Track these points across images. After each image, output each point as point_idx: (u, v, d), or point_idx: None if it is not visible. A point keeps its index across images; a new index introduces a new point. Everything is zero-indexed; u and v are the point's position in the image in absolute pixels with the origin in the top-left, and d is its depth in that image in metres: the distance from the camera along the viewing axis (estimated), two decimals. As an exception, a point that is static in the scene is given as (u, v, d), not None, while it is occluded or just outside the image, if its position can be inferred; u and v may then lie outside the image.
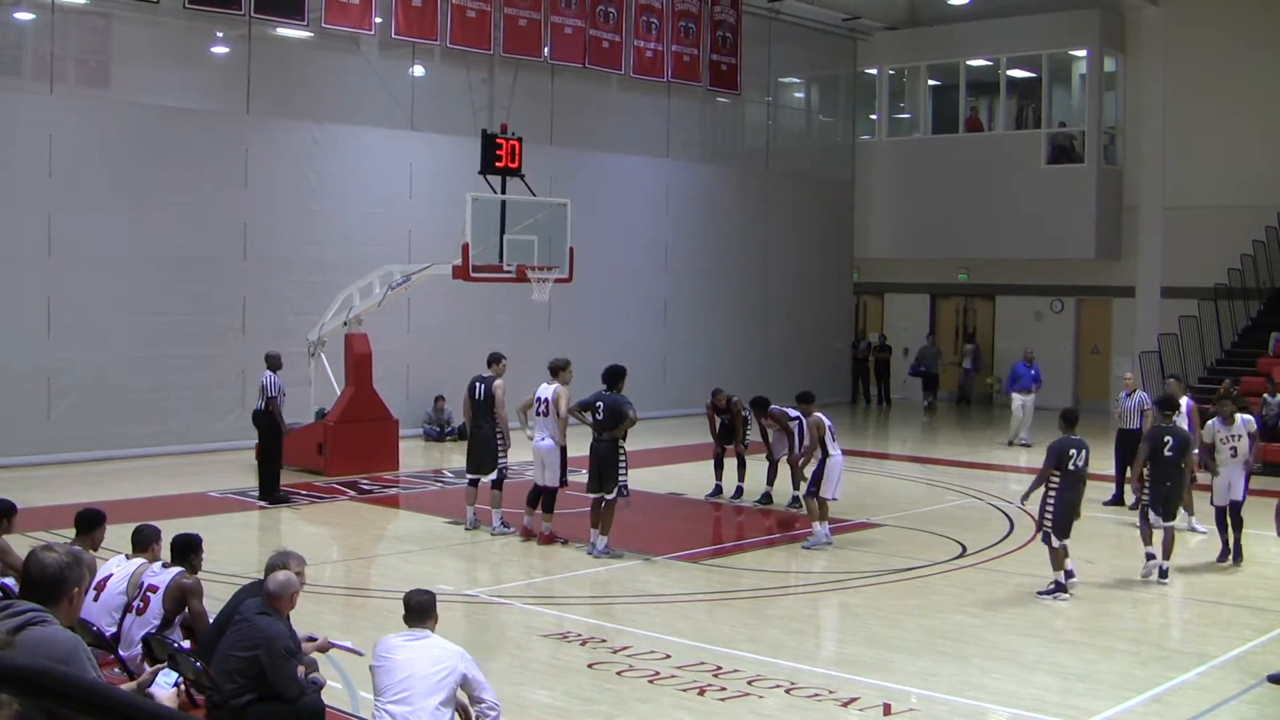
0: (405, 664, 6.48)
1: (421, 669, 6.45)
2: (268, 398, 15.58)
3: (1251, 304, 24.48)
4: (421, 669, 6.45)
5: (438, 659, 6.53)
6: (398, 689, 6.44)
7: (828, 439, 13.66)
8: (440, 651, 6.58)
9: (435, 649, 6.59)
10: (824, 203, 29.93)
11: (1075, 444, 11.56)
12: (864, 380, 30.70)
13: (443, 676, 6.47)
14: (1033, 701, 8.63)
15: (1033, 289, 29.17)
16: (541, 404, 13.60)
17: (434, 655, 6.54)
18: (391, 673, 6.49)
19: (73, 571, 4.24)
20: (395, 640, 6.65)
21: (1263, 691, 8.95)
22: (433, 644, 6.62)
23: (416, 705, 6.36)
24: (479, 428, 14.21)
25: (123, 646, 7.74)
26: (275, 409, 15.60)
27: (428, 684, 6.42)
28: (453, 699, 6.50)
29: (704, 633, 10.40)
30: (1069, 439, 11.61)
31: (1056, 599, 11.49)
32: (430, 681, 6.43)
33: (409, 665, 6.47)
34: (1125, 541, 14.63)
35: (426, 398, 21.92)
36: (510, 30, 22.55)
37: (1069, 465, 11.51)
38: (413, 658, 6.50)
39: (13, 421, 17.74)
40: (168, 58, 20.59)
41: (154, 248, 19.07)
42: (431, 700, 6.39)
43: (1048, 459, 11.60)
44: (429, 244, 20.41)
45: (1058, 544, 11.54)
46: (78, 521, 8.39)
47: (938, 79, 30.46)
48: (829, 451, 13.60)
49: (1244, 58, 25.83)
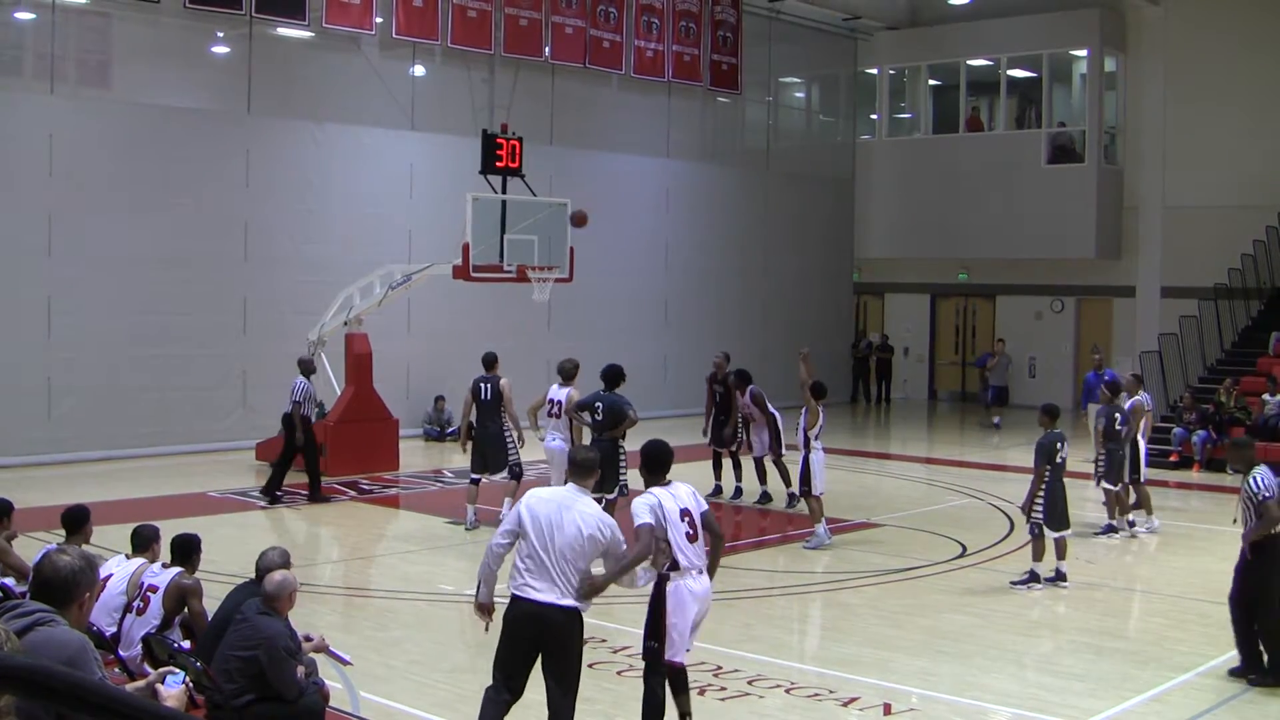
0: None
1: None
2: (293, 402, 15.72)
3: (1252, 304, 24.47)
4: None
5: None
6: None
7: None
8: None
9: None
10: (824, 203, 29.93)
11: (1059, 437, 11.98)
12: (864, 380, 30.70)
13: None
14: (1033, 701, 8.63)
15: (1033, 289, 29.18)
16: (554, 405, 13.68)
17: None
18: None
19: (85, 576, 4.26)
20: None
21: (1262, 691, 8.95)
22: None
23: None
24: (485, 427, 14.20)
25: (123, 646, 7.74)
26: (297, 414, 15.68)
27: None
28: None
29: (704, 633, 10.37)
30: (1053, 433, 11.98)
31: (1030, 589, 11.70)
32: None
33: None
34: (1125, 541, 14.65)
35: (426, 398, 21.93)
36: (511, 30, 22.55)
37: (1056, 459, 11.88)
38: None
39: (13, 421, 17.75)
40: (168, 57, 20.59)
41: (154, 248, 19.07)
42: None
43: (1038, 458, 11.83)
44: (429, 244, 20.41)
45: (1056, 536, 11.82)
46: (65, 522, 8.41)
47: (938, 79, 30.47)
48: (812, 447, 13.59)
49: (1244, 58, 25.83)
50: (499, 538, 6.86)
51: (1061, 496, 11.97)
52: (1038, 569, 11.82)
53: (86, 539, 8.36)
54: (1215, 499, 17.32)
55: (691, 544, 7.29)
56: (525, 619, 6.65)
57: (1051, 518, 11.79)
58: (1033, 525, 11.87)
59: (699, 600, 7.39)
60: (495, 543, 6.88)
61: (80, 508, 8.58)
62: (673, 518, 7.25)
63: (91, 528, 8.54)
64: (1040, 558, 11.83)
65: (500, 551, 6.89)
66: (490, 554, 6.89)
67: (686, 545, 7.26)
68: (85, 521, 8.43)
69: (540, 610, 6.61)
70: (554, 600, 6.61)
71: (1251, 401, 20.62)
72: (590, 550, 6.75)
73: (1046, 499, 11.79)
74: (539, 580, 6.62)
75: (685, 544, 7.26)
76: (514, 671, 6.78)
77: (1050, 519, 11.78)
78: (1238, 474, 9.48)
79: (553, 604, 6.61)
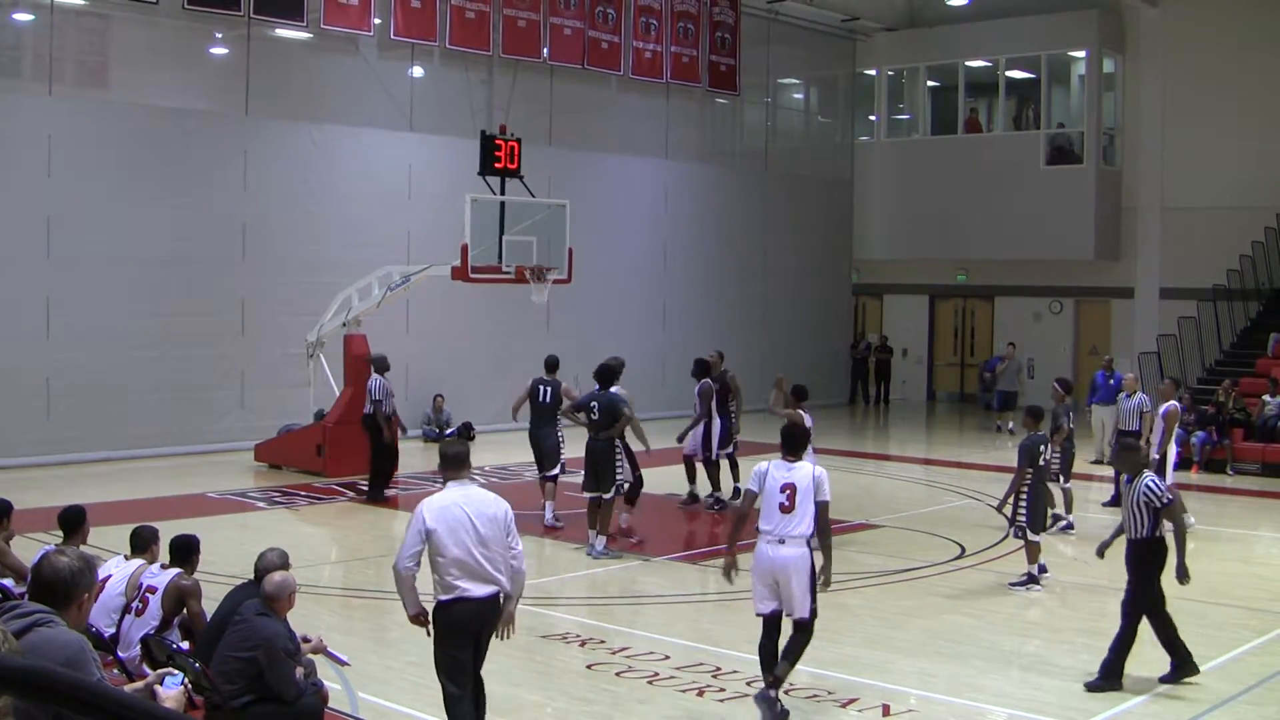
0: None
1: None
2: (373, 401, 15.74)
3: (1250, 305, 24.49)
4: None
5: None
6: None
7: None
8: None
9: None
10: (823, 204, 29.93)
11: (1043, 440, 12.06)
12: (863, 381, 30.71)
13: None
14: (1031, 702, 8.64)
15: (1032, 290, 29.19)
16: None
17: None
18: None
19: (84, 577, 4.26)
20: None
21: (1261, 692, 8.96)
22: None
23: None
24: (540, 429, 14.17)
25: (121, 647, 7.74)
26: (380, 413, 15.71)
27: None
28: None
29: (703, 634, 10.40)
30: (1037, 436, 12.05)
31: (1029, 590, 11.73)
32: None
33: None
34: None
35: (426, 398, 21.92)
36: (509, 31, 22.56)
37: (1040, 461, 11.95)
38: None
39: (13, 421, 17.74)
40: (167, 58, 20.58)
41: (153, 248, 19.06)
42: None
43: (1021, 459, 11.91)
44: (428, 245, 20.40)
45: (1034, 538, 11.83)
46: (62, 523, 8.40)
47: (936, 80, 30.48)
48: None
49: (1243, 58, 25.84)
50: (408, 561, 6.90)
51: (1045, 500, 12.05)
52: (1033, 571, 11.85)
53: (84, 540, 8.35)
54: (1215, 500, 17.34)
55: (783, 514, 7.95)
56: (468, 618, 6.90)
57: (1035, 520, 11.81)
58: (1017, 529, 11.97)
59: (769, 563, 7.97)
60: (406, 567, 6.92)
61: (77, 508, 8.58)
62: (773, 487, 8.02)
63: (89, 528, 8.53)
64: (1035, 559, 11.84)
65: (413, 571, 6.95)
66: (405, 577, 6.94)
67: (777, 514, 7.97)
68: (82, 522, 8.42)
69: (481, 606, 6.91)
70: (489, 593, 6.92)
71: (1250, 403, 20.64)
72: (505, 526, 7.00)
73: (1030, 501, 11.80)
74: (471, 580, 6.86)
75: (776, 513, 7.98)
76: (464, 669, 7.02)
77: (1033, 521, 11.80)
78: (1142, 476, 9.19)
79: (488, 596, 6.92)
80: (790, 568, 7.91)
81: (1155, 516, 8.87)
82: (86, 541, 8.47)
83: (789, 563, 7.90)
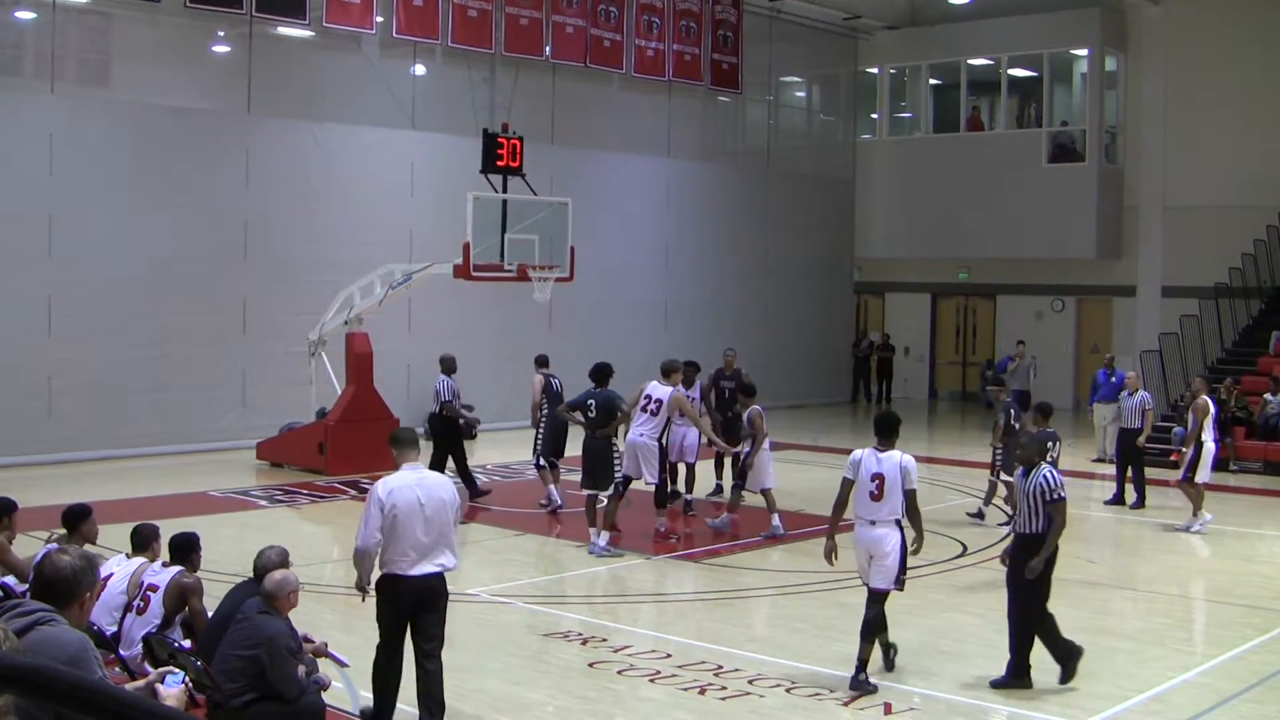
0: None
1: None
2: (441, 402, 15.58)
3: (1252, 303, 24.47)
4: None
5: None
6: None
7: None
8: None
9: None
10: (825, 202, 29.92)
11: (1052, 436, 11.99)
12: (865, 379, 30.71)
13: None
14: (1033, 700, 8.63)
15: (1033, 288, 29.17)
16: (652, 402, 13.43)
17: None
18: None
19: (86, 576, 4.27)
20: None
21: (1263, 691, 8.96)
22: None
23: None
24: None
25: (123, 646, 7.74)
26: (450, 412, 15.56)
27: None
28: None
29: (704, 632, 10.40)
30: (1046, 431, 12.01)
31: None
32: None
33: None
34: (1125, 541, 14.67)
35: (427, 397, 21.83)
36: (511, 29, 22.55)
37: (1048, 457, 11.79)
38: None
39: (13, 421, 17.74)
40: (168, 57, 20.59)
41: (154, 247, 19.06)
42: None
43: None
44: (430, 243, 20.41)
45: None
46: (65, 520, 8.40)
47: (939, 78, 30.46)
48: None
49: (1245, 57, 25.82)
50: (370, 539, 7.41)
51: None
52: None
53: (88, 539, 8.33)
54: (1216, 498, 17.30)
55: (873, 501, 8.76)
56: (408, 594, 7.46)
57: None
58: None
59: (863, 542, 8.87)
60: (369, 544, 7.43)
61: (82, 506, 8.56)
62: (864, 475, 8.79)
63: (96, 528, 8.51)
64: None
65: (376, 549, 7.46)
66: (369, 553, 7.47)
67: (868, 500, 8.79)
68: (85, 520, 8.40)
69: (421, 583, 7.44)
70: (430, 572, 7.46)
71: (1252, 401, 20.63)
72: (454, 509, 7.59)
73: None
74: (416, 559, 7.40)
75: (867, 499, 8.80)
76: (398, 639, 7.60)
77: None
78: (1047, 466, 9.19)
79: (429, 575, 7.46)
80: (881, 545, 8.77)
81: (1048, 509, 8.76)
82: (95, 541, 8.46)
83: (879, 541, 8.77)
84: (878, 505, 8.74)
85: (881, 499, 8.72)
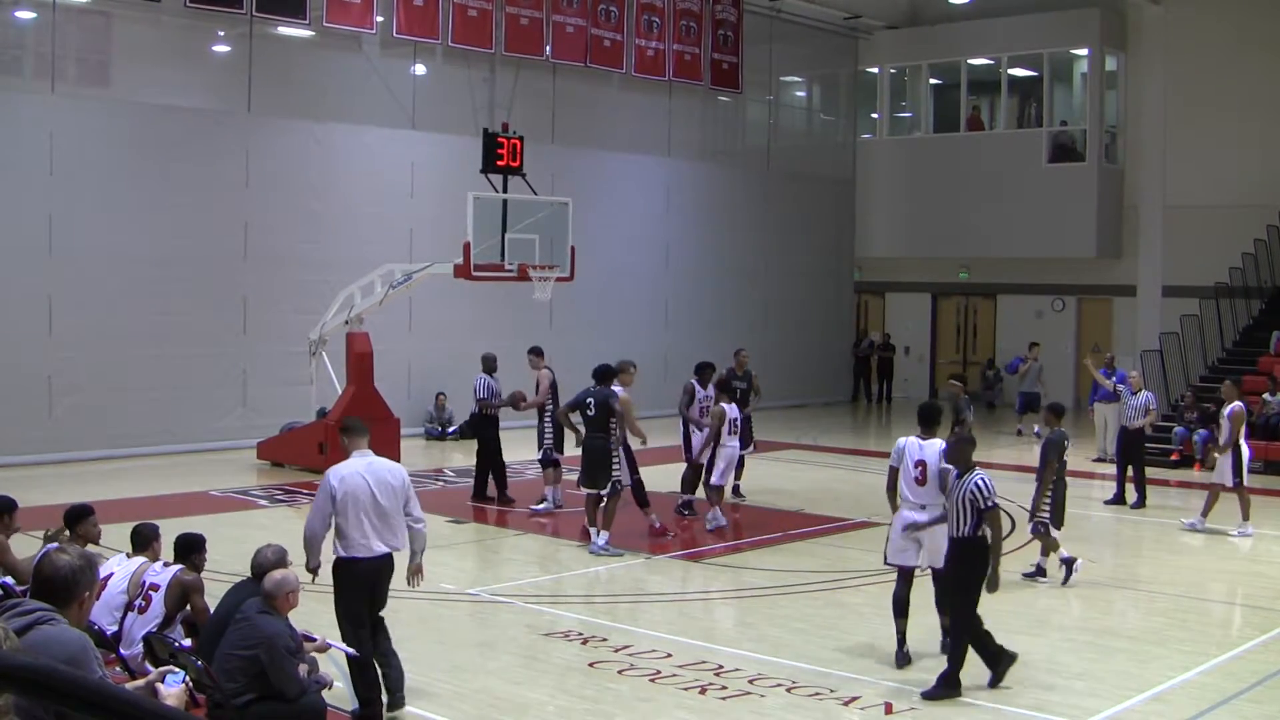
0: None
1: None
2: (478, 400, 15.52)
3: (1253, 303, 24.46)
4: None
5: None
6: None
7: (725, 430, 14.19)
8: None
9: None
10: (825, 202, 29.92)
11: (1065, 435, 12.22)
12: (865, 379, 30.71)
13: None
14: (1033, 700, 8.63)
15: (1034, 288, 29.17)
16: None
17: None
18: None
19: (85, 575, 4.26)
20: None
21: (1263, 690, 8.95)
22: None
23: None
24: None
25: (124, 645, 7.75)
26: (487, 409, 15.49)
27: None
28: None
29: (705, 632, 10.40)
30: (1060, 431, 12.22)
31: (1037, 581, 11.93)
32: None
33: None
34: (1125, 541, 14.65)
35: (428, 397, 21.93)
36: (512, 29, 22.55)
37: (1064, 457, 12.13)
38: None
39: (13, 421, 17.74)
40: (169, 57, 20.59)
41: (154, 247, 19.06)
42: None
43: (1050, 454, 11.93)
44: (430, 243, 20.42)
45: (1055, 534, 11.95)
46: (66, 519, 8.40)
47: (939, 78, 30.46)
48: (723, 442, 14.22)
49: (1245, 57, 25.82)
50: (317, 524, 7.90)
51: (1064, 495, 12.14)
52: (1042, 563, 12.00)
53: (88, 538, 8.33)
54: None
55: (918, 485, 9.34)
56: (363, 574, 7.80)
57: (1056, 515, 11.97)
58: (1038, 524, 11.97)
59: (912, 524, 9.35)
60: (316, 528, 7.91)
61: (83, 506, 8.56)
62: (908, 462, 9.38)
63: (98, 528, 8.51)
64: (1055, 550, 11.94)
65: (322, 532, 7.93)
66: (316, 537, 7.92)
67: (913, 485, 9.38)
68: (85, 519, 8.40)
69: (373, 564, 7.85)
70: (381, 553, 7.86)
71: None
72: (404, 494, 7.99)
73: (1056, 497, 11.95)
74: (367, 541, 7.79)
75: (912, 484, 9.39)
76: (361, 619, 7.85)
77: (1055, 517, 11.95)
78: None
79: (380, 555, 7.87)
80: (927, 530, 9.25)
81: (979, 516, 8.64)
82: (96, 541, 8.46)
83: (928, 523, 9.24)
84: (923, 490, 9.27)
85: (925, 484, 9.25)
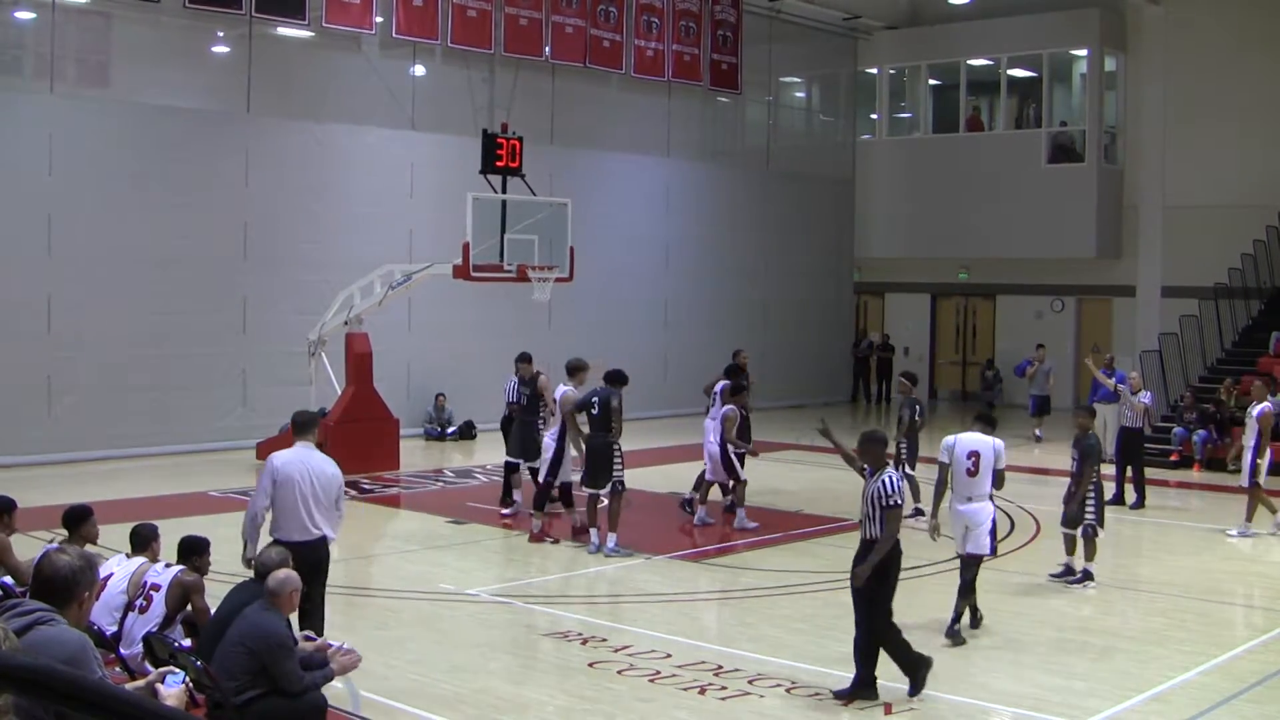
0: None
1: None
2: (508, 403, 15.39)
3: (1252, 303, 24.45)
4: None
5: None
6: None
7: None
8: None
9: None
10: (824, 202, 29.92)
11: (1097, 439, 12.36)
12: (864, 379, 30.71)
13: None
14: (1034, 700, 8.63)
15: (1033, 288, 29.17)
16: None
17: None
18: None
19: (85, 575, 4.27)
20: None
21: (1263, 690, 8.95)
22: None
23: None
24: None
25: (124, 645, 7.75)
26: (516, 412, 15.27)
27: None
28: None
29: (704, 632, 10.41)
30: (1094, 435, 12.24)
31: (1086, 587, 11.92)
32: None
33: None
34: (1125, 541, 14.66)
35: (427, 397, 21.92)
36: (511, 30, 22.55)
37: (1102, 457, 12.55)
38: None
39: (13, 421, 17.74)
40: (168, 57, 20.59)
41: (154, 247, 19.06)
42: None
43: (1090, 458, 11.90)
44: (429, 243, 20.41)
45: (1101, 534, 12.10)
46: (65, 520, 8.40)
47: (938, 78, 30.46)
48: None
49: (1244, 57, 25.81)
50: (264, 501, 8.46)
51: (1103, 497, 12.28)
52: (1090, 568, 12.01)
53: (89, 539, 8.33)
54: (1216, 498, 17.32)
55: (969, 477, 10.08)
56: (300, 557, 7.92)
57: (1100, 516, 12.04)
58: (1086, 527, 12.02)
59: (958, 515, 10.17)
60: (262, 505, 8.48)
61: (82, 507, 8.56)
62: (960, 454, 10.16)
63: (97, 529, 8.51)
64: (1093, 557, 11.99)
65: (263, 516, 8.48)
66: (255, 520, 8.50)
67: (964, 477, 10.12)
68: (85, 520, 8.40)
69: (314, 546, 8.38)
70: (312, 539, 8.38)
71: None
72: (338, 486, 8.54)
73: (1098, 498, 12.03)
74: (299, 526, 8.34)
75: (964, 476, 10.12)
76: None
77: (1099, 518, 12.02)
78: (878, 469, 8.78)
79: (311, 541, 8.36)
80: (977, 517, 10.06)
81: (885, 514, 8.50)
82: (96, 542, 8.45)
83: (975, 514, 10.06)
84: (973, 481, 9.97)
85: (977, 475, 9.97)
